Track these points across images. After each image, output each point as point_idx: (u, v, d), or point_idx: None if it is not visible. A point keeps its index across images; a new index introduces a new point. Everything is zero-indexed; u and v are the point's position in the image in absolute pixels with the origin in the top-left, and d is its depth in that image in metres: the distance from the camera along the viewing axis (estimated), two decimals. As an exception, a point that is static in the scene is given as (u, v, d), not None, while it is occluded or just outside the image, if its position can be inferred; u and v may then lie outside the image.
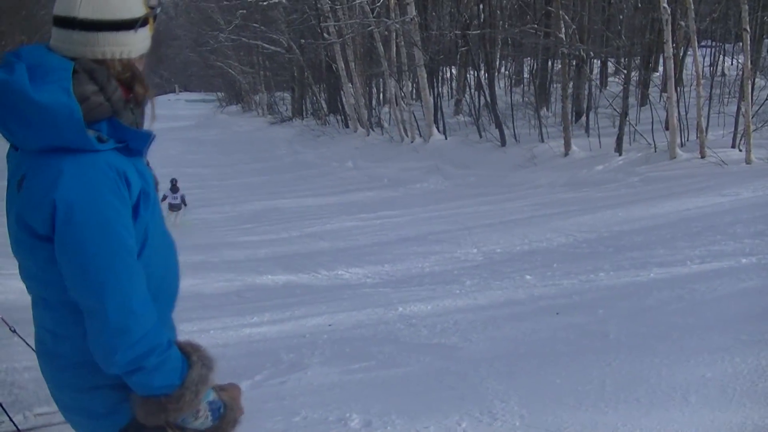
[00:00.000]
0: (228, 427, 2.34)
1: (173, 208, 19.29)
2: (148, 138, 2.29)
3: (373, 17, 24.45)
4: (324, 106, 36.49)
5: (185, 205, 19.34)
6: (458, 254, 10.66)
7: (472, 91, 24.17)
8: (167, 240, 2.45)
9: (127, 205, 2.16)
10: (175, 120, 54.37)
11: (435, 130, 22.88)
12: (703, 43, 22.24)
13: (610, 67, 25.13)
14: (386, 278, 9.88)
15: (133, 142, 2.25)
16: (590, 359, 5.56)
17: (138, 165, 2.27)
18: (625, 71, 18.73)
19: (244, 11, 39.38)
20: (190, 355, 2.27)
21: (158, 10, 2.36)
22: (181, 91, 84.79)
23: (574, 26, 19.02)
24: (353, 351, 6.58)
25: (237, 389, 2.49)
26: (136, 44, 2.27)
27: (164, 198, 18.84)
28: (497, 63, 26.27)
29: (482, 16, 22.14)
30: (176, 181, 19.88)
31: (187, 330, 7.82)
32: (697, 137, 15.27)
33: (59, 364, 2.32)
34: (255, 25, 39.39)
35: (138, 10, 2.25)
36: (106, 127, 2.20)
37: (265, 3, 33.46)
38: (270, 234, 14.34)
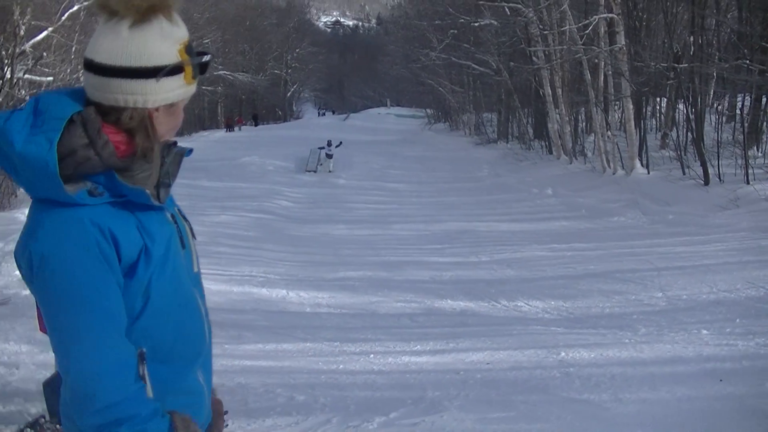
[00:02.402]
0: None
1: (328, 156, 32.39)
2: (141, 194, 2.16)
3: (582, 44, 24.22)
4: (529, 130, 36.39)
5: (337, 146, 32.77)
6: (641, 297, 10.36)
7: (679, 126, 23.54)
8: (186, 300, 2.34)
9: (107, 265, 2.08)
10: (381, 134, 55.48)
11: (638, 163, 22.41)
12: None
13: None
14: (564, 315, 9.74)
15: (132, 197, 2.15)
16: (742, 443, 5.27)
17: (146, 219, 2.20)
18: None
19: (456, 31, 39.87)
20: (176, 429, 2.15)
21: (205, 58, 2.24)
22: (392, 106, 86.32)
23: (791, 63, 18.24)
24: (498, 396, 6.50)
25: None
26: (156, 94, 2.14)
27: (322, 148, 32.99)
28: (708, 98, 25.40)
29: (692, 48, 21.45)
30: (331, 141, 33.37)
31: (349, 350, 8.08)
32: None
33: (64, 410, 2.24)
34: (465, 45, 39.78)
35: (165, 59, 2.14)
36: (104, 179, 2.12)
37: (476, 24, 33.75)
38: (458, 256, 14.32)
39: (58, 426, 5.93)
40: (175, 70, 2.16)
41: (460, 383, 6.89)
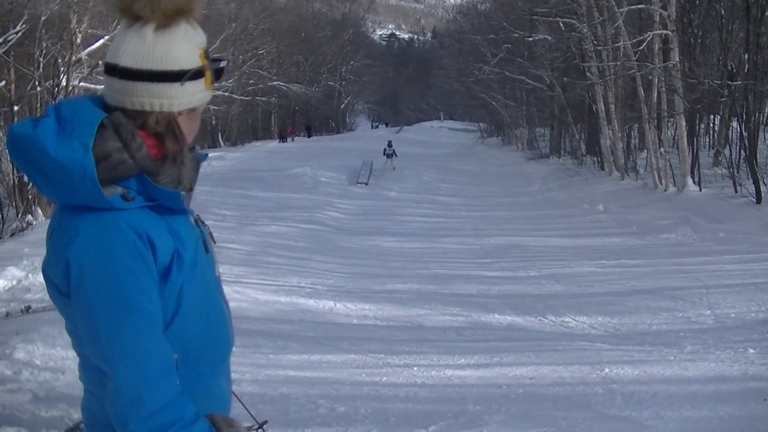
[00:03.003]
0: None
1: (388, 156, 36.09)
2: (177, 197, 2.17)
3: (636, 60, 24.08)
4: (582, 146, 36.24)
5: (396, 156, 36.40)
6: (689, 314, 10.27)
7: (732, 143, 23.30)
8: (213, 304, 2.34)
9: (146, 268, 2.07)
10: (434, 147, 55.50)
11: (690, 180, 22.20)
12: None
13: None
14: (611, 331, 9.68)
15: (164, 200, 2.15)
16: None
17: (175, 223, 2.19)
18: None
19: (510, 45, 39.89)
20: (220, 430, 2.16)
21: (221, 64, 2.28)
22: (445, 119, 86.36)
23: None
24: (539, 412, 6.48)
25: None
26: (180, 98, 2.16)
27: (384, 151, 36.74)
28: (762, 116, 25.08)
29: (747, 66, 21.20)
30: (391, 142, 37.97)
31: (393, 363, 8.12)
32: None
33: (90, 421, 2.27)
34: (519, 59, 39.76)
35: (188, 63, 2.15)
36: (135, 183, 2.12)
37: (530, 39, 33.72)
38: (507, 271, 14.30)
39: None
40: (196, 74, 2.18)
41: (502, 398, 6.89)
